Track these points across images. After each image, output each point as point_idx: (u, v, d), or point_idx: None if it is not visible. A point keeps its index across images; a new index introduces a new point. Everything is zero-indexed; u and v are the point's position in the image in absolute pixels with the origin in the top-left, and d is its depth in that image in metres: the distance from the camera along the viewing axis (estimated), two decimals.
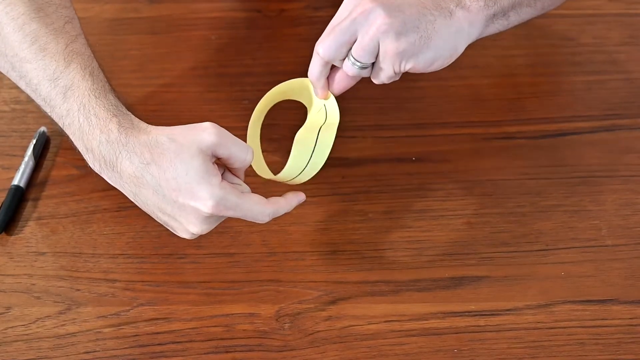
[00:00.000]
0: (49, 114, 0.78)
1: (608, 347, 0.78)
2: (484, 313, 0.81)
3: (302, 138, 0.78)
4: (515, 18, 0.84)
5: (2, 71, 0.81)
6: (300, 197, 0.79)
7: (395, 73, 0.78)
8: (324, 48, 0.77)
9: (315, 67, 0.79)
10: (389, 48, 0.76)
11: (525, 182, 0.91)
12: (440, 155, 0.94)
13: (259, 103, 0.83)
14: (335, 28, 0.77)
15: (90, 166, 0.77)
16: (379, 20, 0.75)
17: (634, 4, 1.10)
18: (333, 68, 0.80)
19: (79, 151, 0.77)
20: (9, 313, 0.82)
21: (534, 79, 1.01)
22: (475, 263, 0.85)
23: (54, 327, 0.81)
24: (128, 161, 0.73)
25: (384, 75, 0.78)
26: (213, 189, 0.72)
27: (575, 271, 0.84)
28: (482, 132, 0.96)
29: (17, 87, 1.02)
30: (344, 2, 0.79)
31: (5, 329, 0.81)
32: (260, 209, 0.75)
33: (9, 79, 1.04)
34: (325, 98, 0.81)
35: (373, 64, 0.78)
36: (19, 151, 0.95)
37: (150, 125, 0.74)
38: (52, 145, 0.96)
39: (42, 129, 0.96)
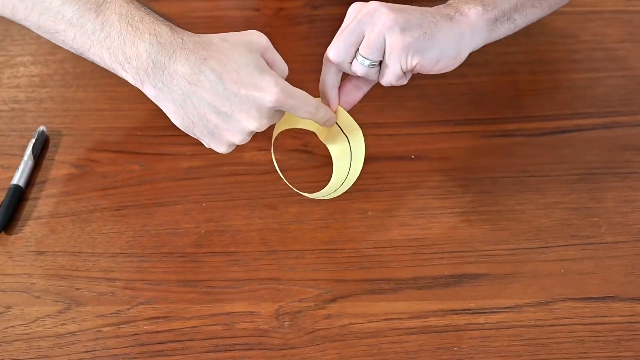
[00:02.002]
0: (71, 39, 0.77)
1: (608, 344, 0.78)
2: (483, 310, 0.81)
3: (338, 150, 0.81)
4: (522, 20, 0.85)
5: (6, 10, 0.80)
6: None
7: (402, 70, 0.79)
8: (333, 51, 0.79)
9: (328, 74, 0.81)
10: (394, 42, 0.77)
11: (524, 180, 0.91)
12: (439, 153, 0.94)
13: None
14: (343, 31, 0.79)
15: (127, 78, 0.76)
16: (383, 17, 0.77)
17: (632, 0, 1.10)
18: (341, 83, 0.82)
19: (110, 69, 0.77)
20: (9, 312, 0.82)
21: (533, 77, 1.01)
22: (475, 261, 0.85)
23: (54, 326, 0.81)
24: (184, 59, 0.73)
25: (392, 73, 0.79)
26: (275, 77, 0.74)
27: (574, 268, 0.84)
28: (481, 130, 0.96)
29: (16, 87, 1.03)
30: (348, 10, 0.80)
31: (5, 328, 0.81)
32: (310, 98, 0.77)
33: (8, 78, 1.05)
34: (334, 111, 0.82)
35: (380, 63, 0.79)
36: (18, 150, 0.95)
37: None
38: (51, 145, 0.96)
39: (42, 128, 0.96)
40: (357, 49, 0.79)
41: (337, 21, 0.82)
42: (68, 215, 0.90)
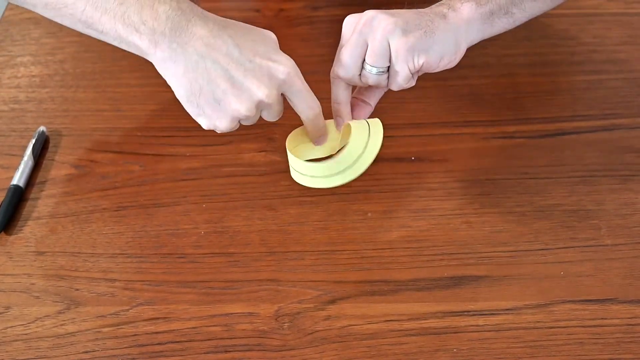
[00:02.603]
0: (80, 11, 0.76)
1: (607, 346, 0.78)
2: (483, 312, 0.81)
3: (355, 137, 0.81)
4: (521, 14, 0.85)
5: None
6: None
7: (410, 72, 0.80)
8: (341, 68, 0.81)
9: (339, 91, 0.83)
10: (399, 45, 0.78)
11: (524, 182, 0.91)
12: (439, 155, 0.94)
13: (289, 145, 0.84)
14: (346, 45, 0.80)
15: (137, 42, 0.75)
16: (383, 22, 0.78)
17: (633, 3, 1.10)
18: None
19: (118, 36, 0.76)
20: (8, 313, 0.82)
21: (533, 79, 1.01)
22: (475, 262, 0.85)
23: (53, 327, 0.81)
24: (203, 23, 0.75)
25: (401, 76, 0.80)
26: (289, 57, 0.77)
27: (574, 270, 0.84)
28: (481, 132, 0.96)
29: (16, 87, 1.03)
30: (344, 23, 0.82)
31: (5, 328, 0.81)
32: (316, 99, 0.79)
33: (9, 78, 1.05)
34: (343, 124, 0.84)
35: (388, 69, 0.80)
36: (18, 151, 0.95)
37: None
38: (51, 145, 0.96)
39: (42, 128, 0.96)
40: (364, 60, 0.80)
41: (337, 23, 0.83)
42: (68, 216, 0.90)
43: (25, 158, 0.93)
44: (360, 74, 0.81)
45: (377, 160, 0.93)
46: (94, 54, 1.06)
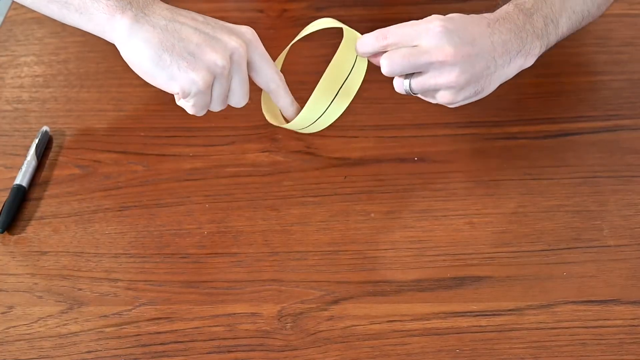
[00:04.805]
0: None
1: (610, 347, 0.78)
2: (485, 313, 0.81)
3: (327, 79, 0.81)
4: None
5: None
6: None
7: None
8: (390, 66, 0.80)
9: (371, 46, 0.81)
10: (444, 98, 0.82)
11: (527, 182, 0.91)
12: (442, 156, 0.94)
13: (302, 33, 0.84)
14: (410, 57, 0.79)
15: (100, 10, 0.77)
16: (451, 76, 0.79)
17: (636, 4, 1.10)
18: None
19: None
20: (11, 312, 0.82)
21: (536, 80, 1.01)
22: (477, 263, 0.85)
23: (56, 327, 0.81)
24: (165, 5, 0.78)
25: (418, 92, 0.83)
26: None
27: (577, 271, 0.84)
28: (484, 132, 0.96)
29: (19, 87, 1.03)
30: (428, 21, 0.80)
31: (7, 328, 0.81)
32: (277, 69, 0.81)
33: (12, 78, 1.05)
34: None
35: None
36: (22, 150, 0.95)
37: None
38: (54, 145, 0.97)
39: (45, 128, 0.97)
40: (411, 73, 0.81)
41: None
42: (71, 216, 0.90)
43: (29, 158, 0.93)
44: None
45: (380, 160, 0.93)
46: (97, 54, 1.06)
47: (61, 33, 1.10)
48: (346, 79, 0.83)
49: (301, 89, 0.98)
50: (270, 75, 0.81)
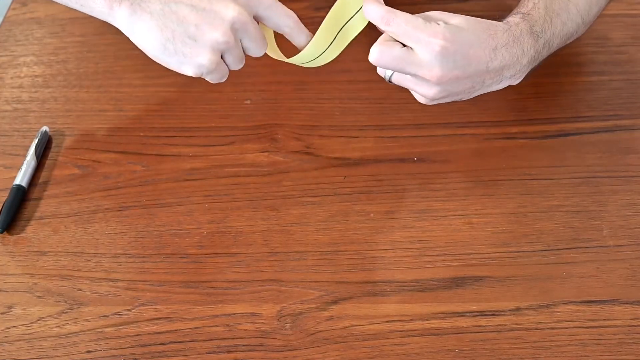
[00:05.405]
0: None
1: (609, 347, 0.78)
2: (485, 313, 0.81)
3: (332, 17, 0.80)
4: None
5: None
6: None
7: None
8: (378, 60, 0.80)
9: (373, 19, 0.81)
10: (419, 99, 0.84)
11: (526, 183, 0.91)
12: (441, 156, 0.94)
13: None
14: (400, 61, 0.79)
15: (98, 10, 0.77)
16: (430, 91, 0.81)
17: (635, 4, 1.10)
18: None
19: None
20: (11, 312, 0.82)
21: (536, 80, 1.01)
22: (477, 263, 0.85)
23: (56, 327, 0.81)
24: None
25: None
26: None
27: (576, 271, 0.84)
28: (483, 133, 0.96)
29: (19, 87, 1.03)
30: (432, 36, 0.79)
31: (7, 328, 0.81)
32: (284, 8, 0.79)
33: (11, 78, 1.05)
34: None
35: None
36: (21, 150, 0.95)
37: None
38: (54, 145, 0.97)
39: (44, 128, 0.97)
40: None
41: None
42: (70, 216, 0.90)
43: (28, 158, 0.93)
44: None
45: (379, 161, 0.93)
46: (96, 54, 1.06)
47: (60, 33, 1.10)
48: (348, 21, 0.82)
49: (301, 89, 0.98)
50: (281, 22, 0.79)
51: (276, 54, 0.83)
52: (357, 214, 0.89)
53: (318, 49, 0.81)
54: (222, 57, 0.78)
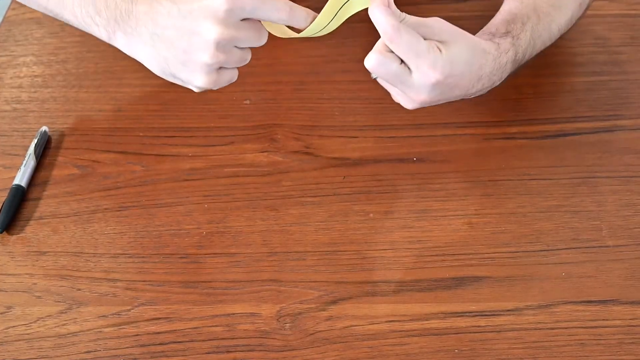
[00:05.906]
0: (45, 1, 0.80)
1: (609, 347, 0.78)
2: (484, 313, 0.81)
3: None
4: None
5: None
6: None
7: None
8: (373, 69, 0.80)
9: (376, 25, 0.79)
10: (403, 103, 0.84)
11: (526, 183, 0.91)
12: (441, 156, 0.94)
13: None
14: (394, 77, 0.80)
15: (99, 34, 0.79)
16: (410, 106, 0.83)
17: (635, 4, 1.10)
18: None
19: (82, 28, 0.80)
20: (10, 312, 0.82)
21: (535, 80, 1.01)
22: (476, 263, 0.85)
23: (55, 327, 0.81)
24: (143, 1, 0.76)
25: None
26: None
27: (576, 272, 0.84)
28: (483, 133, 0.96)
29: (18, 87, 1.03)
30: (431, 67, 0.79)
31: (7, 328, 0.81)
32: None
33: (11, 78, 1.05)
34: None
35: None
36: (20, 150, 0.95)
37: None
38: (53, 145, 0.97)
39: (44, 128, 0.97)
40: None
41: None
42: (70, 216, 0.90)
43: (27, 158, 0.93)
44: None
45: (379, 161, 0.93)
46: (96, 54, 1.06)
47: (60, 33, 1.10)
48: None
49: (301, 89, 0.98)
50: (273, 18, 0.77)
51: (284, 33, 0.82)
52: (356, 214, 0.89)
53: (319, 27, 0.80)
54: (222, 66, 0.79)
